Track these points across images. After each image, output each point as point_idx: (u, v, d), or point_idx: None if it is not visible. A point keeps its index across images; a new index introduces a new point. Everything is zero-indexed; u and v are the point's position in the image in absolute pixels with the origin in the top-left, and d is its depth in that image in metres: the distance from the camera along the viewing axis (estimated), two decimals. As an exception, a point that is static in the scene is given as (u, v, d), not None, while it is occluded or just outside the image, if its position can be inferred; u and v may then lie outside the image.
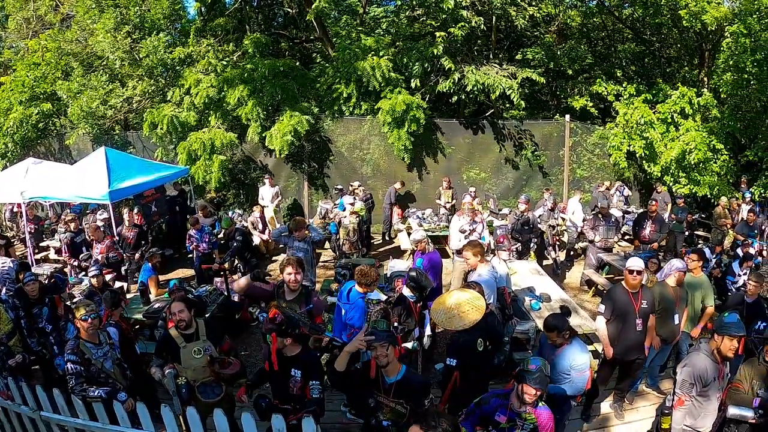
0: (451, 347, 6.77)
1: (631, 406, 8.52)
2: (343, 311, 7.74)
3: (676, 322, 8.31)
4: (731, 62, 16.88)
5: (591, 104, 19.73)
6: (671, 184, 17.57)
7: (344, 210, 14.18)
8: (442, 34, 17.24)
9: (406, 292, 8.05)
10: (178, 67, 19.18)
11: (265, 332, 6.24)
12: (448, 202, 16.44)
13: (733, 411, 5.83)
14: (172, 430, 5.63)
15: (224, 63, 18.71)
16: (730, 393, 6.03)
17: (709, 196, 17.00)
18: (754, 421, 5.70)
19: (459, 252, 11.40)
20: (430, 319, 7.85)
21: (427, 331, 8.40)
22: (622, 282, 7.80)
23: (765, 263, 12.03)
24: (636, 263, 7.66)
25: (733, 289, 11.16)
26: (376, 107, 17.33)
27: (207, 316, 9.37)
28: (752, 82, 16.64)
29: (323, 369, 6.18)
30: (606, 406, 8.55)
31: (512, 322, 9.03)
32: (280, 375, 5.94)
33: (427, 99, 18.52)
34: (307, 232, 10.02)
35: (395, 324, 7.38)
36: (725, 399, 6.05)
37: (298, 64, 20.84)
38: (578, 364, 6.42)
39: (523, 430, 5.13)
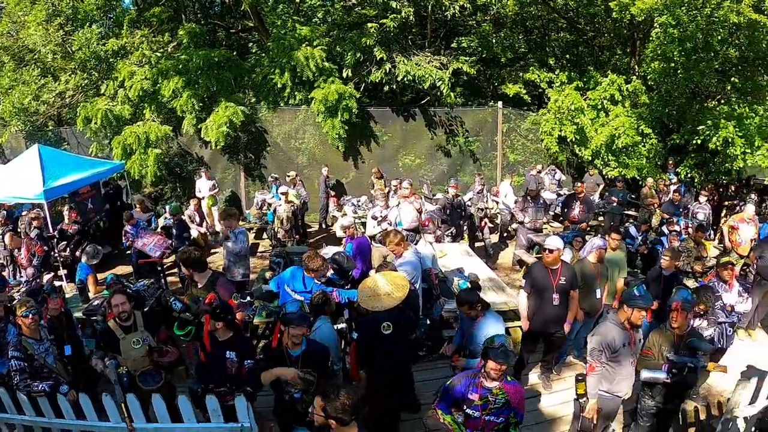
0: (358, 323, 7.31)
1: (558, 376, 9.20)
2: (302, 298, 7.99)
3: (598, 296, 8.97)
4: (659, 51, 17.66)
5: (524, 91, 20.34)
6: (601, 167, 18.40)
7: (279, 199, 14.61)
8: (374, 25, 17.66)
9: (331, 275, 8.53)
10: (111, 60, 19.01)
11: (198, 313, 6.72)
12: (380, 191, 16.80)
13: (646, 375, 6.50)
14: (115, 417, 6.02)
15: (158, 54, 18.63)
16: (640, 360, 6.62)
17: (637, 177, 17.84)
18: (668, 381, 6.35)
19: (372, 238, 12.05)
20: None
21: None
22: (542, 259, 8.38)
23: (691, 239, 12.84)
24: (551, 242, 8.22)
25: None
26: (309, 97, 17.59)
27: (146, 309, 9.73)
28: (679, 71, 17.43)
29: (256, 351, 6.66)
30: (534, 377, 9.23)
31: (440, 301, 9.59)
32: (214, 359, 6.40)
33: (362, 88, 18.92)
34: (235, 222, 10.54)
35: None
36: (637, 365, 6.66)
37: (235, 53, 20.89)
38: (493, 334, 6.85)
39: (495, 405, 5.50)
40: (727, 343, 8.67)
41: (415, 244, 10.34)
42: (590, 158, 18.52)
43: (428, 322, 9.21)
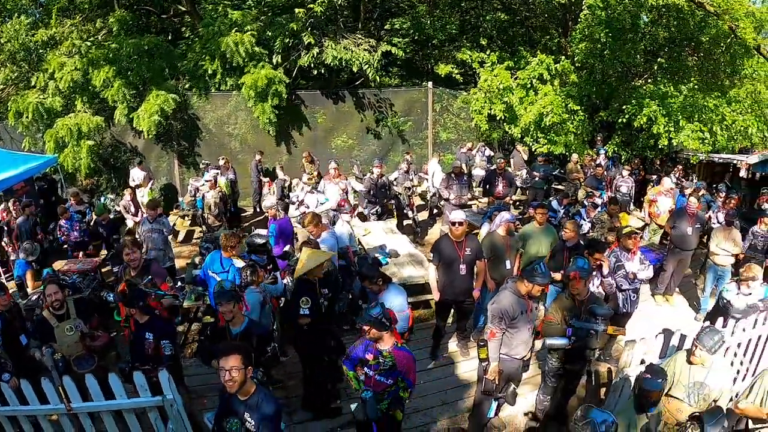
0: None
1: (475, 343, 9.99)
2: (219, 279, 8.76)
3: (508, 267, 9.83)
4: (587, 32, 18.69)
5: (456, 71, 21.13)
6: (531, 144, 19.39)
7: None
8: (302, 10, 18.05)
9: (254, 256, 9.34)
10: (41, 51, 19.00)
11: (116, 302, 7.56)
12: (310, 175, 17.54)
13: (549, 342, 7.37)
14: (54, 400, 6.73)
15: (89, 43, 18.61)
16: (545, 326, 7.53)
17: (565, 154, 18.74)
18: (570, 347, 7.20)
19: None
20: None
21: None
22: (447, 232, 9.33)
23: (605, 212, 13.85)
24: (456, 216, 9.16)
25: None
26: (240, 82, 18.01)
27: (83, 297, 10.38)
28: (606, 52, 18.46)
29: (174, 332, 7.45)
30: (453, 345, 10.22)
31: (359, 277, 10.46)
32: (135, 339, 7.22)
33: (295, 72, 19.45)
34: (160, 210, 11.46)
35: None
36: (542, 332, 7.53)
37: (170, 37, 21.32)
38: (396, 305, 7.66)
39: (384, 366, 6.16)
40: (632, 308, 9.61)
41: (334, 223, 11.15)
42: (520, 136, 19.46)
43: (350, 296, 10.11)
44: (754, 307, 8.85)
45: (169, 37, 21.47)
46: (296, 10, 18.19)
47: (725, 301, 9.21)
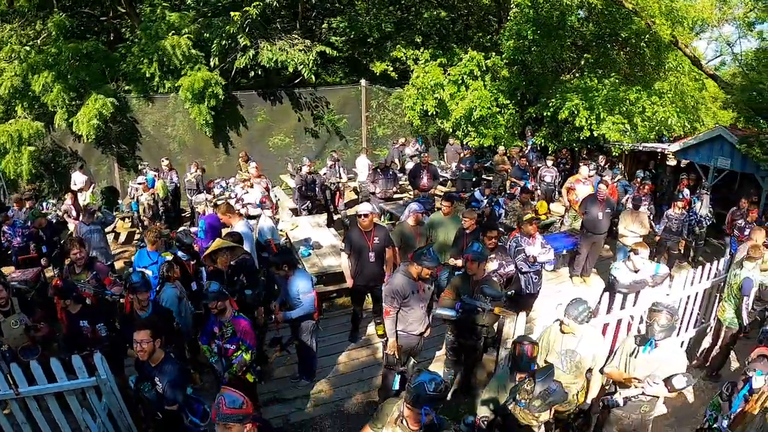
0: None
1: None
2: (150, 272, 9.65)
3: (418, 254, 10.93)
4: (515, 30, 19.92)
5: (391, 68, 22.33)
6: (462, 137, 20.63)
7: (152, 186, 16.16)
8: (237, 14, 18.83)
9: (180, 252, 10.37)
10: None
11: (51, 296, 8.59)
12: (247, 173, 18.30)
13: (438, 311, 8.36)
14: (3, 386, 7.52)
15: (28, 48, 18.90)
16: (443, 300, 8.53)
17: (495, 146, 19.97)
18: (454, 318, 8.23)
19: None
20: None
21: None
22: (357, 223, 10.28)
23: (539, 199, 15.05)
24: (362, 208, 10.20)
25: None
26: (177, 85, 18.89)
27: (28, 299, 11.27)
28: (533, 49, 19.71)
29: (104, 315, 8.48)
30: (371, 329, 11.31)
31: (282, 267, 11.55)
32: (72, 329, 8.17)
33: (233, 73, 20.41)
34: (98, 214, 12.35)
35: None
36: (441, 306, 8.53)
37: (109, 39, 21.78)
38: (302, 288, 8.66)
39: (227, 335, 7.16)
40: (535, 289, 10.65)
41: (258, 217, 12.18)
42: (451, 130, 20.76)
43: (276, 286, 11.17)
44: (641, 283, 9.75)
45: (111, 38, 22.10)
46: (232, 14, 18.98)
47: (613, 277, 10.19)
